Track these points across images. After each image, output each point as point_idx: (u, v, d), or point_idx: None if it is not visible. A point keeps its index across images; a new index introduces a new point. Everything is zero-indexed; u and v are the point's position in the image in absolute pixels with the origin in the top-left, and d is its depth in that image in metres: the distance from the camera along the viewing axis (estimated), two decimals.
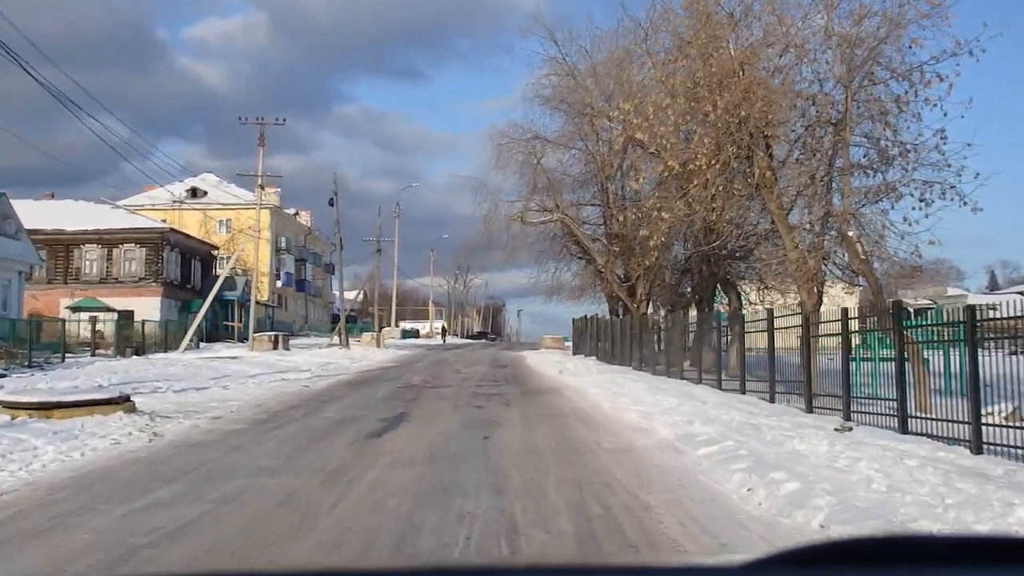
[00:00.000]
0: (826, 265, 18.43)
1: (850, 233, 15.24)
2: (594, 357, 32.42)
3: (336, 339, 55.07)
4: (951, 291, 68.79)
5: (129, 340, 34.26)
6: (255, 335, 39.98)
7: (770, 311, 15.66)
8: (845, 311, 12.46)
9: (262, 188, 39.86)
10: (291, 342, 54.98)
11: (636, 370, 24.87)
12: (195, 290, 56.40)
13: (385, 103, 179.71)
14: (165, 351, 37.79)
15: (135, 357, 31.96)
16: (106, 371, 23.00)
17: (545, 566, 1.42)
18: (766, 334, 16.48)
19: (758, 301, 25.61)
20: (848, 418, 11.81)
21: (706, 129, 18.14)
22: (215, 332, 57.50)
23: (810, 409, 13.36)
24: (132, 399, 12.27)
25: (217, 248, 60.79)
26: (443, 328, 78.76)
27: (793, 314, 15.38)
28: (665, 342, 25.20)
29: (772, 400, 14.90)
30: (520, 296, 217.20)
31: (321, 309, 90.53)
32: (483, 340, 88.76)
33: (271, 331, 69.45)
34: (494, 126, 35.46)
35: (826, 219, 17.88)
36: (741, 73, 17.72)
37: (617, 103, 26.21)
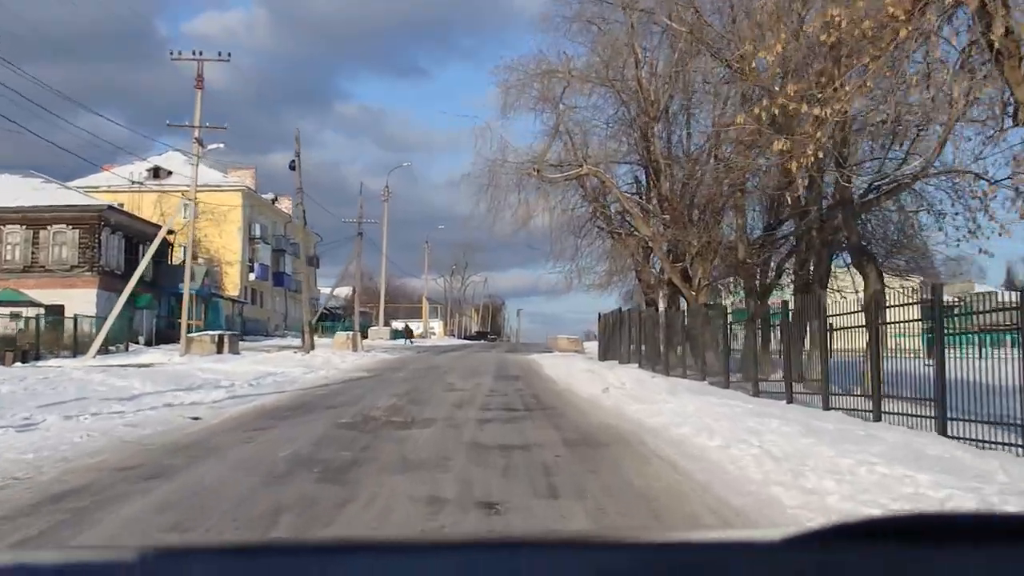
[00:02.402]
0: None
1: None
2: (636, 364, 23.98)
3: (319, 339, 46.69)
4: (978, 287, 62.26)
5: (11, 344, 25.73)
6: (195, 336, 31.57)
7: None
8: None
9: (200, 144, 31.35)
10: (254, 343, 46.46)
11: (717, 385, 16.40)
12: (144, 281, 47.79)
13: (386, 100, 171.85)
14: (75, 355, 29.43)
15: (18, 366, 23.66)
16: None
17: (582, 539, 1.47)
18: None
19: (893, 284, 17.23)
20: None
21: None
22: (170, 331, 48.97)
23: None
24: None
25: (173, 232, 52.16)
26: (407, 328, 67.84)
27: None
28: (753, 343, 16.90)
29: None
30: (519, 296, 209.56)
31: (303, 306, 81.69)
32: (482, 340, 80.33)
33: (241, 331, 61.17)
34: (501, 60, 26.46)
35: None
36: None
37: None
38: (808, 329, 15.78)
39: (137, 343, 44.33)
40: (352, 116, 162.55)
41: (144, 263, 31.02)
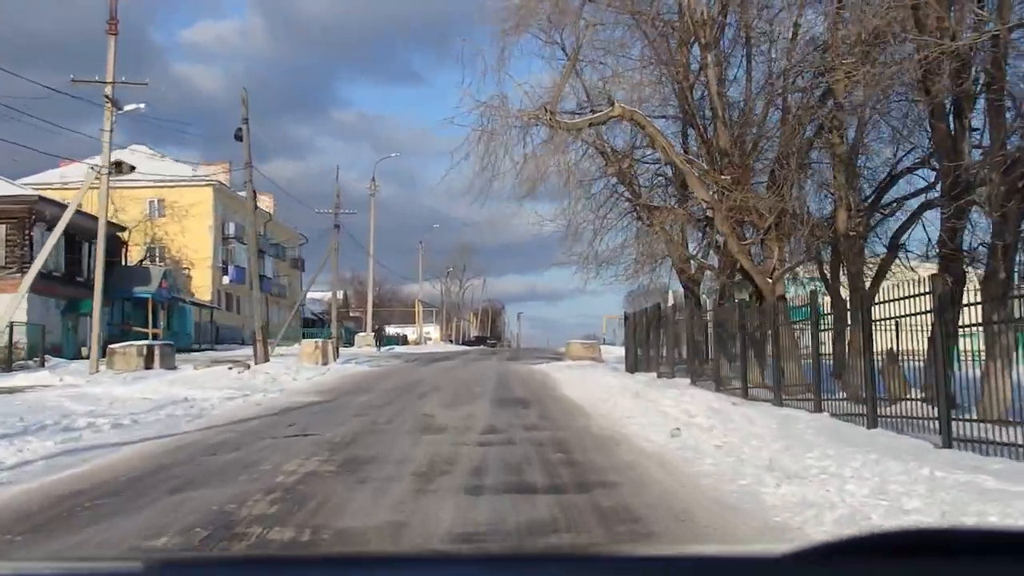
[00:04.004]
0: None
1: None
2: (686, 379, 17.60)
3: (293, 348, 40.45)
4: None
5: None
6: (119, 347, 25.29)
7: None
8: None
9: (113, 104, 25.05)
10: (225, 352, 40.16)
11: (853, 422, 10.09)
12: (91, 285, 41.49)
13: (383, 107, 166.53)
14: None
15: None
16: None
17: (589, 554, 1.43)
18: None
19: None
20: None
21: None
22: (123, 340, 42.63)
23: None
24: None
25: (125, 229, 45.93)
26: (377, 331, 60.54)
27: None
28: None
29: None
30: (517, 300, 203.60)
31: (287, 312, 75.10)
32: (481, 346, 73.90)
33: (214, 339, 54.72)
34: None
35: None
36: None
37: None
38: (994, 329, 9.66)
39: (81, 356, 38.15)
40: (349, 122, 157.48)
41: (45, 252, 24.72)
